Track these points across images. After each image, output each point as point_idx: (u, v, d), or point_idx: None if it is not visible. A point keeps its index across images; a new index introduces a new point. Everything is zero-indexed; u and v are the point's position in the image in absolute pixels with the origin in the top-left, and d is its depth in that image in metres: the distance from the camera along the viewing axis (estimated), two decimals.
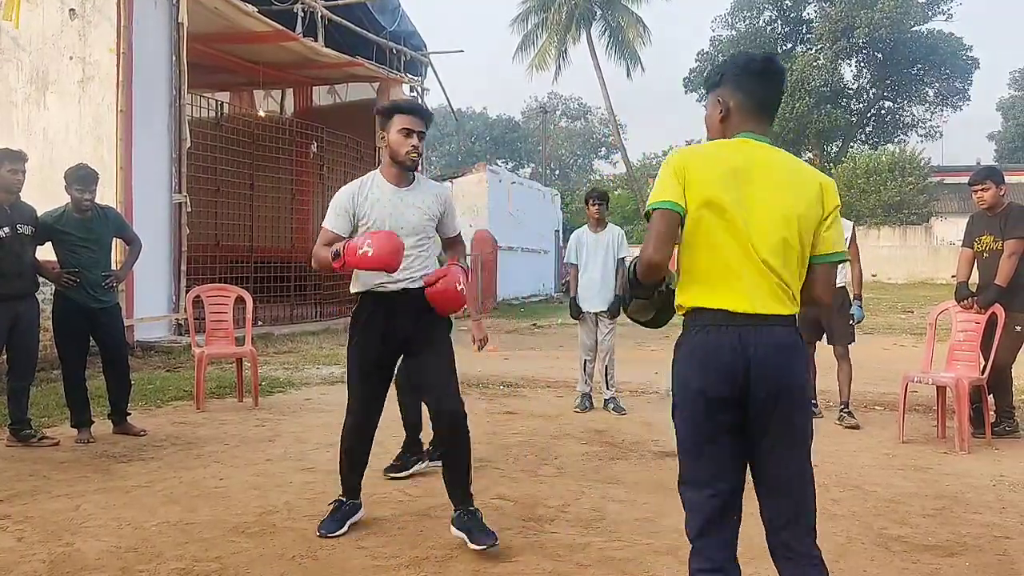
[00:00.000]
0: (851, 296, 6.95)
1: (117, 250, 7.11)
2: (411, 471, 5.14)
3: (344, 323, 14.27)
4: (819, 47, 41.17)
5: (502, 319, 18.27)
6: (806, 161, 2.99)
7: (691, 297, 2.55)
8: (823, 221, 2.53)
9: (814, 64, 39.48)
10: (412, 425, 5.27)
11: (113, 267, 6.33)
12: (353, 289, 4.06)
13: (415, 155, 3.91)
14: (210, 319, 7.75)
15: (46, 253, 6.05)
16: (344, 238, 3.87)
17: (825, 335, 6.97)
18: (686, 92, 45.95)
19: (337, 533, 3.99)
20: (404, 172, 3.96)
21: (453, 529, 3.90)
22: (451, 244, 4.27)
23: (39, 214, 5.93)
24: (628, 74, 43.01)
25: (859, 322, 7.03)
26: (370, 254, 3.60)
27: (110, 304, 6.13)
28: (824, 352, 7.02)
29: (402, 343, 4.00)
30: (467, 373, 9.37)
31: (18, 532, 4.03)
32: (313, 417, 6.92)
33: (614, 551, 3.88)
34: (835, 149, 43.30)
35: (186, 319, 9.44)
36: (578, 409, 7.33)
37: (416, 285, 3.89)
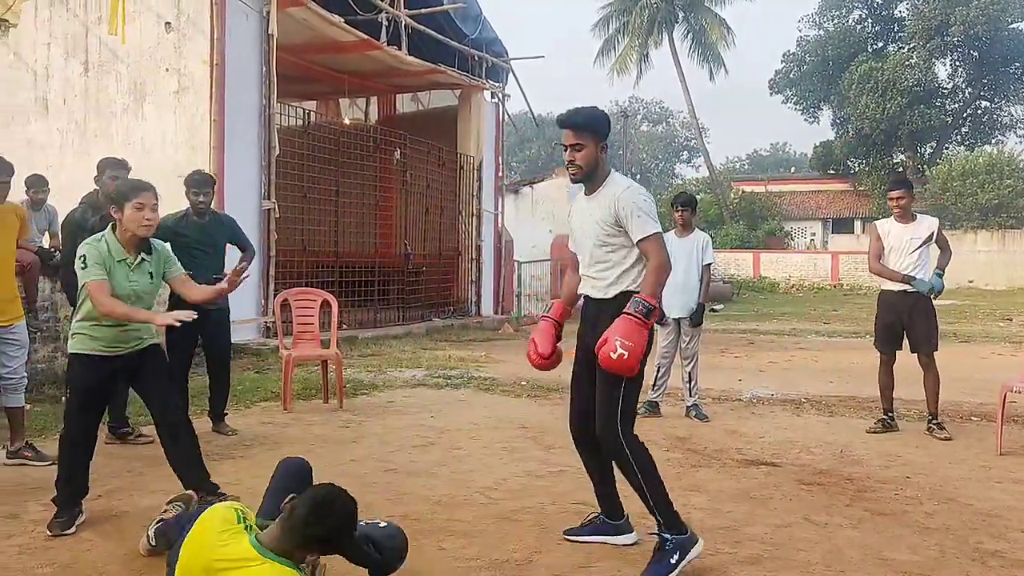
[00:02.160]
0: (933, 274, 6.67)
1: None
2: None
3: (426, 327, 14.46)
4: (911, 46, 39.86)
5: None
6: (899, 164, 3.02)
7: None
8: None
9: (906, 63, 38.25)
10: None
11: (226, 272, 6.29)
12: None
13: (573, 169, 3.82)
14: (297, 322, 7.94)
15: None
16: None
17: (908, 344, 6.74)
18: (771, 94, 45.11)
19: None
20: (585, 183, 3.90)
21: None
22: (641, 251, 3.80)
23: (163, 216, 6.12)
24: (711, 76, 42.48)
25: (937, 293, 6.70)
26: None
27: (218, 307, 6.07)
28: (906, 361, 6.79)
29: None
30: (547, 378, 9.37)
31: (116, 525, 4.20)
32: (396, 419, 7.02)
33: (697, 558, 3.82)
34: (929, 151, 41.84)
35: (274, 322, 9.68)
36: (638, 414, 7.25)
37: (598, 294, 3.87)
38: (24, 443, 5.41)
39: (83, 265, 4.15)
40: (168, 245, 4.70)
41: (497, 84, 17.50)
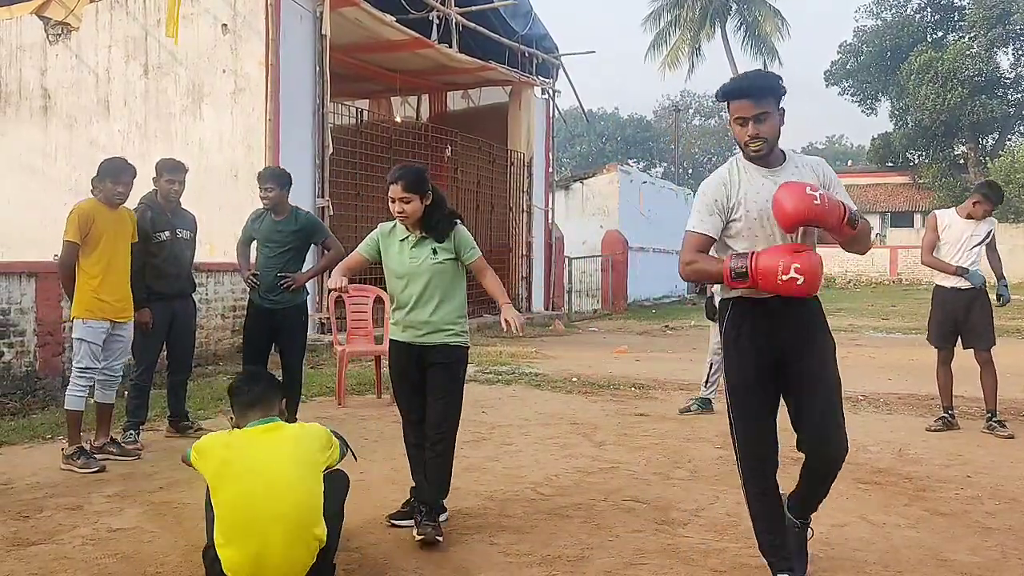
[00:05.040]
0: (996, 282, 6.61)
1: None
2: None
3: (478, 323, 14.51)
4: (972, 35, 38.82)
5: (632, 320, 18.13)
6: (960, 156, 2.99)
7: None
8: None
9: (967, 53, 37.26)
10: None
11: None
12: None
13: (757, 145, 3.33)
14: (351, 318, 8.04)
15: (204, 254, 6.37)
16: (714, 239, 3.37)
17: (961, 340, 6.59)
18: (827, 85, 44.31)
19: None
20: (763, 158, 3.37)
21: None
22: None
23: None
24: (765, 69, 41.84)
25: (1006, 303, 6.67)
26: (800, 283, 3.11)
27: (287, 306, 6.00)
28: (968, 358, 6.64)
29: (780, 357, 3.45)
30: (598, 374, 9.37)
31: (177, 517, 4.31)
32: None
33: (749, 558, 3.79)
34: (991, 142, 40.74)
35: (328, 318, 9.81)
36: (685, 411, 7.21)
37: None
38: (108, 439, 5.58)
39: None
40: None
41: (547, 80, 17.48)
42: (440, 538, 3.89)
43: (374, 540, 3.98)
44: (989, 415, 6.53)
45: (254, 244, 6.20)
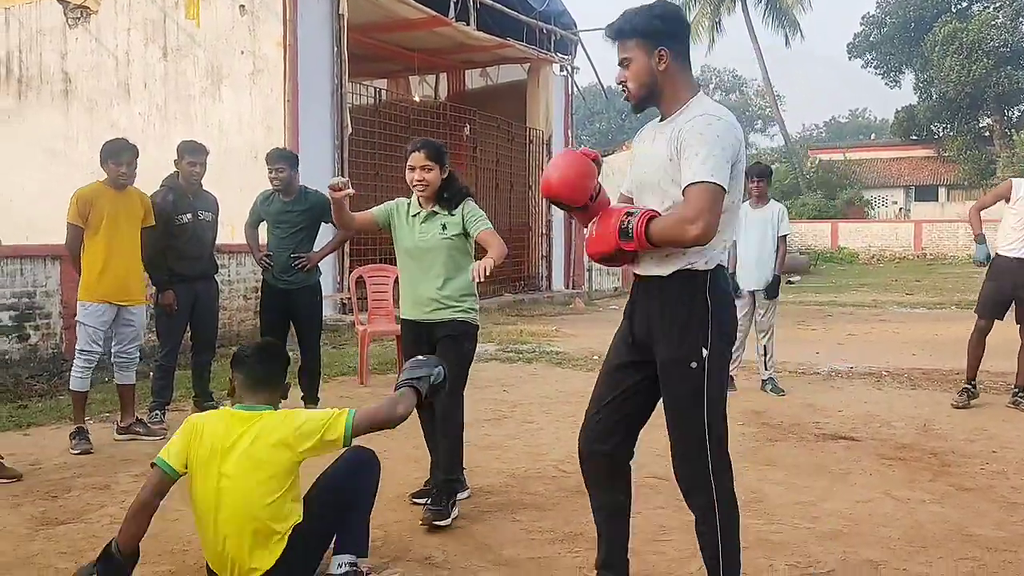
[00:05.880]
0: None
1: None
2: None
3: (497, 303, 14.52)
4: (997, 5, 38.13)
5: None
6: (985, 128, 2.84)
7: None
8: None
9: (992, 23, 36.62)
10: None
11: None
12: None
13: (625, 93, 2.88)
14: (372, 298, 8.07)
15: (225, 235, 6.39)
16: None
17: (1015, 312, 6.49)
18: (850, 58, 43.71)
19: None
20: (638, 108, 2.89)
21: None
22: None
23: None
24: (787, 42, 41.40)
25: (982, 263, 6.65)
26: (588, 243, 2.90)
27: (301, 286, 6.07)
28: (999, 331, 6.56)
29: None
30: None
31: None
32: (468, 393, 6.94)
33: (772, 534, 3.79)
34: (1017, 114, 40.09)
35: (350, 299, 9.85)
36: None
37: (650, 270, 2.84)
38: (135, 419, 5.64)
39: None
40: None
41: (566, 57, 17.35)
42: (441, 523, 3.82)
43: (397, 518, 4.01)
44: (1017, 390, 6.46)
45: (263, 226, 6.23)
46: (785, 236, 7.21)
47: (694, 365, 2.75)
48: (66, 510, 4.15)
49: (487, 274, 3.70)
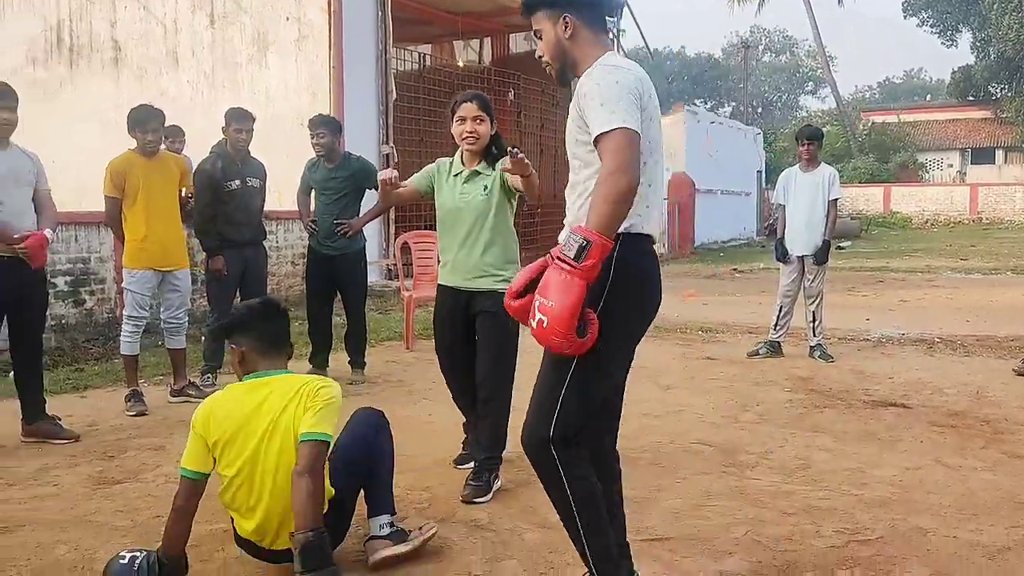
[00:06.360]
0: None
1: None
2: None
3: None
4: None
5: (700, 264, 17.90)
6: None
7: None
8: None
9: None
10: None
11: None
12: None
13: (547, 68, 2.77)
14: (417, 264, 8.11)
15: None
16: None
17: None
18: (905, 17, 42.43)
19: None
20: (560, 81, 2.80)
21: None
22: None
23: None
24: (839, 1, 40.31)
25: None
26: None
27: (345, 252, 6.12)
28: None
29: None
30: (665, 318, 9.29)
31: None
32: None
33: (819, 500, 3.76)
34: None
35: (395, 264, 9.91)
36: (753, 355, 7.10)
37: (563, 235, 2.56)
38: (187, 382, 5.77)
39: None
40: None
41: (611, 19, 17.11)
42: (482, 500, 3.76)
43: (442, 481, 4.05)
44: None
45: (313, 192, 6.28)
46: (836, 200, 7.08)
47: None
48: (122, 470, 4.27)
49: (525, 163, 3.57)
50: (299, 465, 2.77)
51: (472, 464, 4.01)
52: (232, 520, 3.03)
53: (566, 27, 2.61)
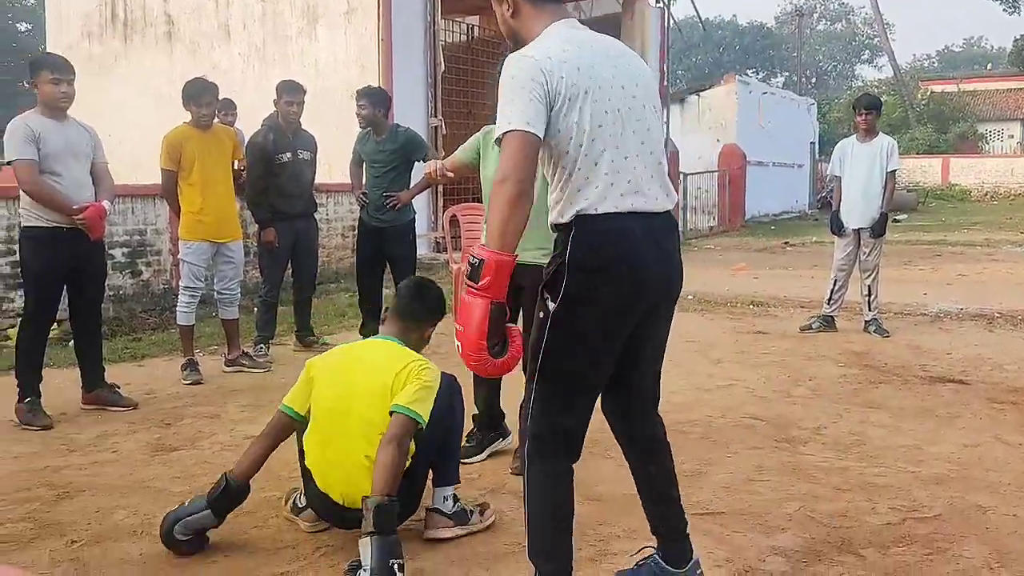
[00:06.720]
0: None
1: None
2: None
3: None
4: None
5: (750, 237, 17.66)
6: None
7: None
8: None
9: None
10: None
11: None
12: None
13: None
14: (465, 237, 8.09)
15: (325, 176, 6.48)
16: None
17: None
18: None
19: None
20: None
21: None
22: None
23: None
24: None
25: None
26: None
27: (394, 224, 6.05)
28: None
29: None
30: (715, 292, 9.20)
31: None
32: None
33: (874, 477, 3.70)
34: None
35: (443, 237, 9.93)
36: (806, 329, 6.98)
37: None
38: (241, 352, 5.87)
39: None
40: None
41: None
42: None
43: (492, 451, 4.07)
44: None
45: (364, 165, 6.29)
46: (894, 172, 6.90)
47: (540, 315, 2.45)
48: (179, 437, 4.36)
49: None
50: (388, 434, 2.88)
51: (479, 455, 4.05)
52: (304, 479, 3.08)
53: (508, 6, 2.51)
